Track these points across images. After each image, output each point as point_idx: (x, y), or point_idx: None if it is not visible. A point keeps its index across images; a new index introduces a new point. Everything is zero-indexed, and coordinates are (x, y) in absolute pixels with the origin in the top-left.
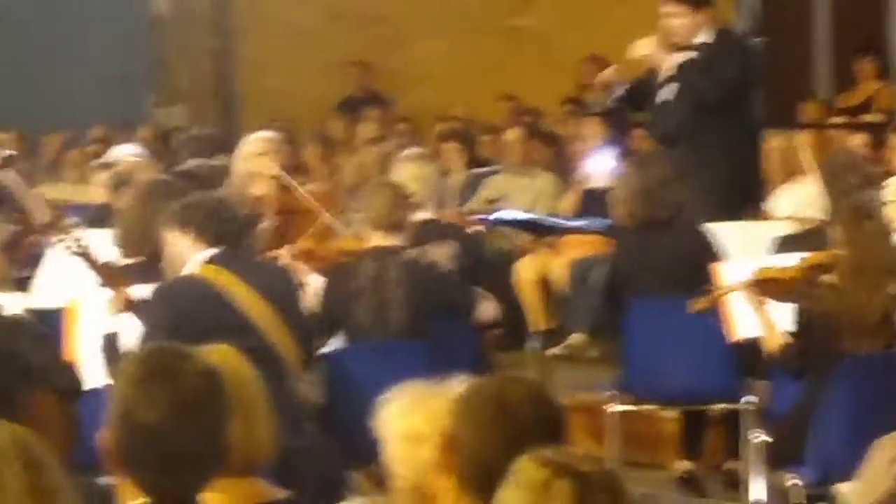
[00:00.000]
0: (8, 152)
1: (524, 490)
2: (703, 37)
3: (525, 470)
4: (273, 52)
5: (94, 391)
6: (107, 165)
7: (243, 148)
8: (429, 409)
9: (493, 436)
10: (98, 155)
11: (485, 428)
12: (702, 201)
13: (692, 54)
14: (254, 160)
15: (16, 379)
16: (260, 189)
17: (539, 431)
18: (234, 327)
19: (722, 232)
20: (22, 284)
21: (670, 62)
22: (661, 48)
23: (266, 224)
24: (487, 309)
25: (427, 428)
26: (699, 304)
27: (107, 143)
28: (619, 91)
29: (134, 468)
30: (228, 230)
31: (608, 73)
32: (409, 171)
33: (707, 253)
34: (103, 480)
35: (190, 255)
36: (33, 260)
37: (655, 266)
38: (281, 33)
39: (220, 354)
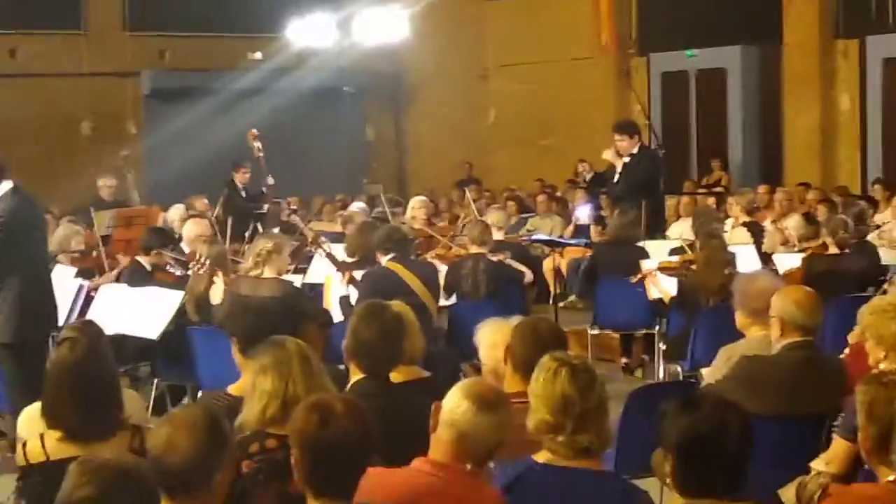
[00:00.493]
0: (294, 206)
1: (544, 373)
2: (635, 150)
3: (545, 362)
4: (426, 157)
5: (338, 324)
6: (344, 213)
7: (412, 204)
8: (500, 331)
9: (529, 345)
10: (344, 207)
11: (525, 341)
12: (636, 229)
13: (628, 159)
14: (415, 211)
15: (299, 317)
16: (418, 224)
17: (552, 344)
18: (404, 292)
19: (648, 245)
20: (299, 272)
21: (620, 162)
22: (615, 156)
23: (418, 241)
24: (529, 280)
25: (500, 340)
26: (635, 279)
27: (344, 202)
28: (589, 175)
29: (359, 359)
30: (400, 244)
31: (586, 167)
32: (492, 216)
33: (640, 255)
34: (341, 367)
35: (382, 258)
36: (307, 259)
37: (612, 263)
38: (428, 148)
39: (398, 306)
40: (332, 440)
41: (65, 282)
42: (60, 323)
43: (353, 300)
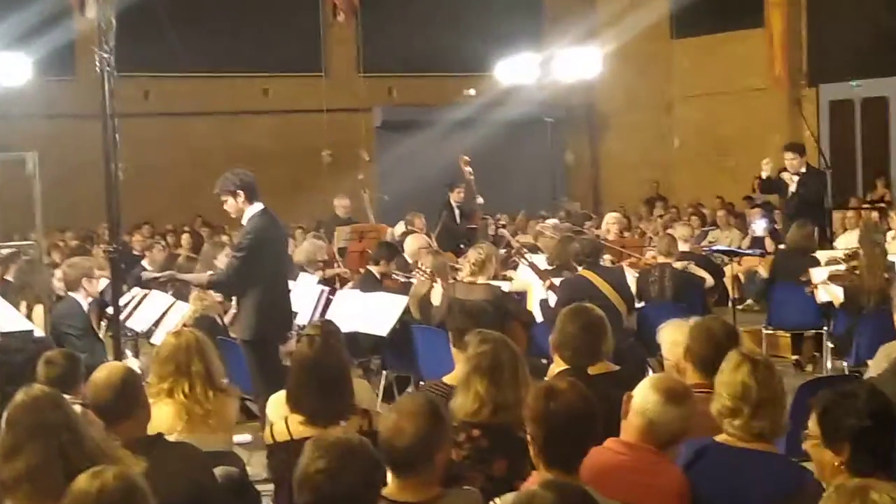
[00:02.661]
0: (502, 222)
1: (729, 364)
2: (803, 168)
3: (731, 356)
4: (617, 177)
5: (539, 324)
6: (537, 228)
7: (606, 219)
8: (680, 330)
9: (704, 343)
10: (541, 223)
11: (700, 339)
12: (811, 240)
13: (798, 178)
14: (609, 225)
15: (506, 317)
16: (611, 237)
17: (724, 341)
18: (596, 297)
19: (818, 254)
20: (506, 279)
21: (792, 181)
22: (789, 172)
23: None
24: (710, 285)
25: (680, 338)
26: (808, 288)
27: (545, 217)
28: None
29: (563, 351)
30: (593, 254)
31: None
32: (677, 230)
33: (812, 264)
34: (543, 361)
35: (578, 266)
36: (513, 267)
37: (788, 269)
38: (620, 169)
39: (593, 308)
40: (561, 413)
41: (309, 288)
42: (304, 322)
43: (551, 303)
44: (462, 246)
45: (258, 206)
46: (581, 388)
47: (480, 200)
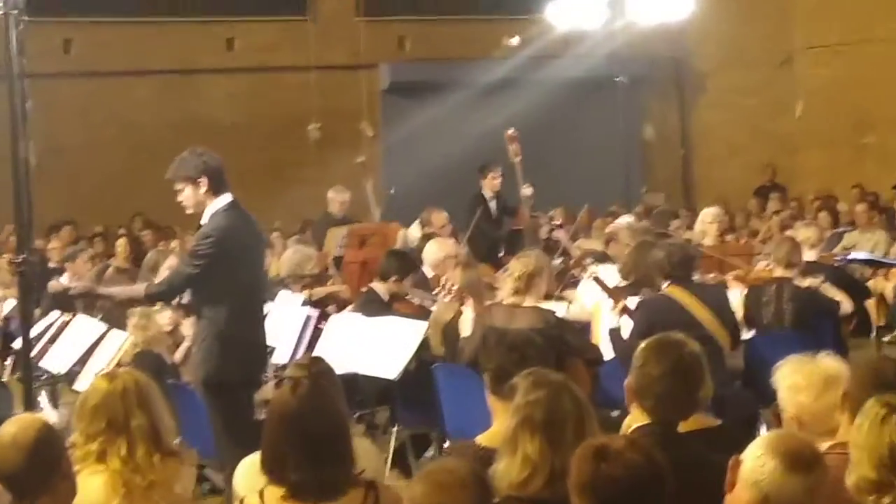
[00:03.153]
0: (557, 221)
1: (868, 419)
2: None
3: (869, 407)
4: (716, 158)
5: (608, 361)
6: (609, 229)
7: (701, 217)
8: (803, 371)
9: (870, 391)
10: (611, 222)
11: (868, 384)
12: None
13: None
14: (705, 225)
15: (562, 353)
16: (709, 241)
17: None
18: (687, 324)
19: None
20: (563, 299)
21: None
22: None
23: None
24: (846, 311)
25: (803, 382)
26: None
27: (616, 215)
28: None
29: (645, 401)
30: (683, 265)
31: None
32: (801, 232)
33: None
34: (615, 413)
35: (662, 282)
36: (572, 283)
37: None
38: (720, 148)
39: (684, 341)
40: (616, 480)
41: (291, 311)
42: (285, 359)
43: (626, 333)
44: (502, 255)
45: (226, 199)
46: (645, 448)
47: (528, 191)
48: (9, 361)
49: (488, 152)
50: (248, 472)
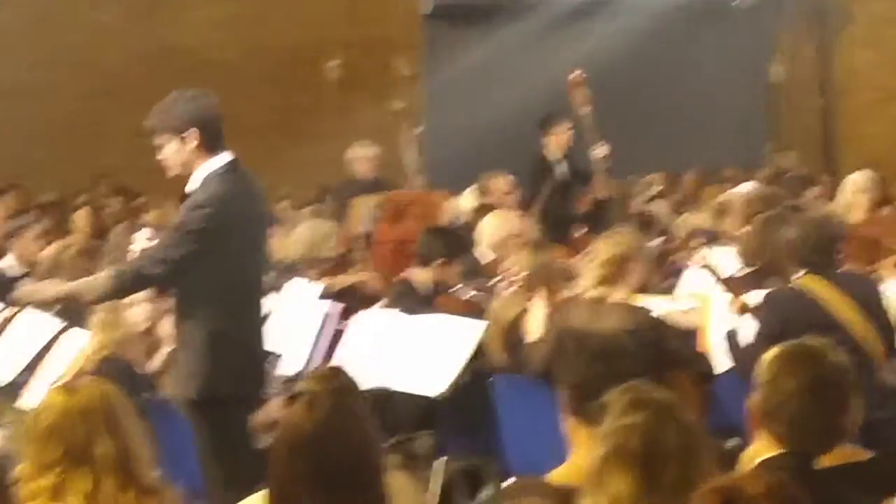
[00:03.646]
0: (657, 188)
1: None
2: None
3: None
4: (866, 107)
5: (723, 374)
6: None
7: (847, 184)
8: None
9: None
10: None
11: None
12: None
13: None
14: (854, 195)
15: (662, 362)
16: (858, 216)
17: None
18: (827, 326)
19: None
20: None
21: None
22: None
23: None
24: None
25: None
26: None
27: (734, 181)
28: None
29: (776, 426)
30: (823, 250)
31: None
32: None
33: None
34: (732, 442)
35: (796, 271)
36: (674, 272)
37: None
38: (874, 94)
39: (825, 349)
40: None
41: (304, 306)
42: (297, 369)
43: (746, 338)
44: (578, 234)
45: (223, 159)
46: (788, 491)
47: (601, 152)
48: None
49: (553, 99)
50: None
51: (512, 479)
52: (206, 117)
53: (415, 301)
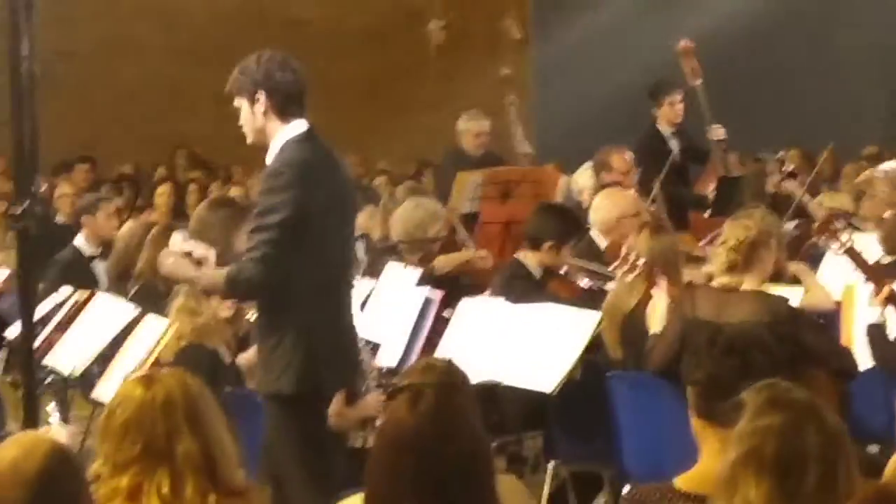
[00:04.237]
0: (790, 166)
1: None
2: None
3: None
4: None
5: (864, 372)
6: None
7: None
8: None
9: None
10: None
11: None
12: None
13: None
14: None
15: (798, 358)
16: None
17: None
18: None
19: None
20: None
21: None
22: None
23: None
24: None
25: None
26: None
27: (878, 159)
28: None
29: None
30: None
31: None
32: None
33: None
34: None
35: None
36: (812, 259)
37: None
38: None
39: None
40: None
41: (404, 293)
42: (395, 361)
43: (892, 331)
44: (699, 217)
45: (298, 127)
46: None
47: (719, 133)
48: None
49: (668, 68)
50: None
51: (629, 486)
52: (278, 81)
53: (526, 286)
